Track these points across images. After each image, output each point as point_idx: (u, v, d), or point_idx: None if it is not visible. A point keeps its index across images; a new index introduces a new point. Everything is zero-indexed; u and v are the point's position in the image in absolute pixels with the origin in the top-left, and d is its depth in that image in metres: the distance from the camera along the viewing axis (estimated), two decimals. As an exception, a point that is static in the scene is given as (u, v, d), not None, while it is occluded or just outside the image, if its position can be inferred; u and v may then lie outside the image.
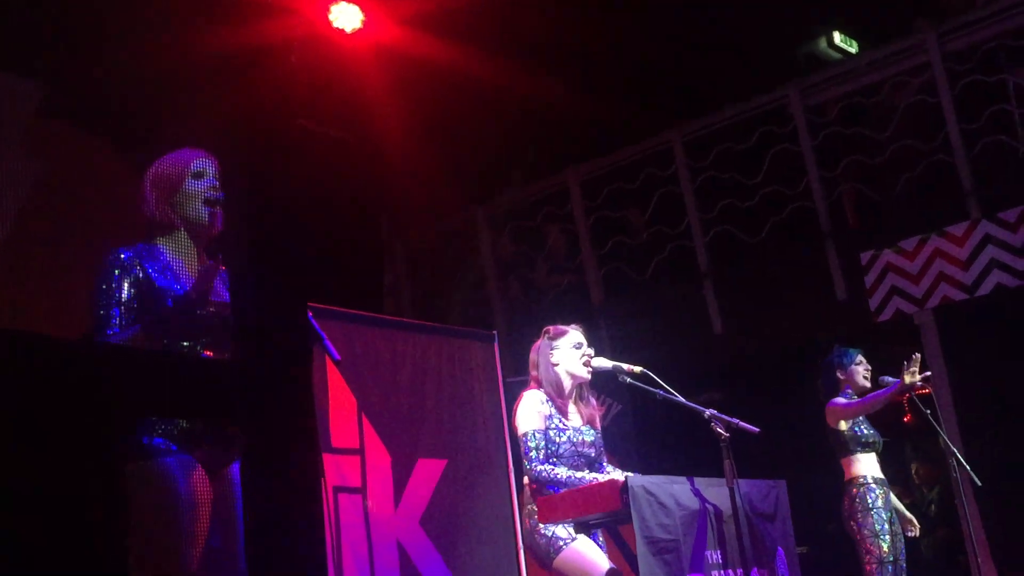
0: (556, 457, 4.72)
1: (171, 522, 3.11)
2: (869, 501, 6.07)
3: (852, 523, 6.11)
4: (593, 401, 5.04)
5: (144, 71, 2.75)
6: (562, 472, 4.63)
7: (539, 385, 4.93)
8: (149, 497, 3.11)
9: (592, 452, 4.87)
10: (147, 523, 3.06)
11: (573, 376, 4.91)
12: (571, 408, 4.93)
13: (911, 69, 8.46)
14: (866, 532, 6.03)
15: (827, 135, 8.73)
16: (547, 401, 4.83)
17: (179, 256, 3.46)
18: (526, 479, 4.82)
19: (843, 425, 6.19)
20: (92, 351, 2.15)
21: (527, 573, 6.68)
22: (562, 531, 4.62)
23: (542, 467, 4.64)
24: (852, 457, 6.20)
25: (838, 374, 6.38)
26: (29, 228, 2.78)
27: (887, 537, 6.03)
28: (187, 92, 2.82)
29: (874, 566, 5.98)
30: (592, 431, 4.93)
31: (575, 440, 4.79)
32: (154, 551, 3.05)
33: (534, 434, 4.70)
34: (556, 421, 4.79)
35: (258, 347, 2.43)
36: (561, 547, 4.60)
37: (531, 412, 4.78)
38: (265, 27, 2.59)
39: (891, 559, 5.99)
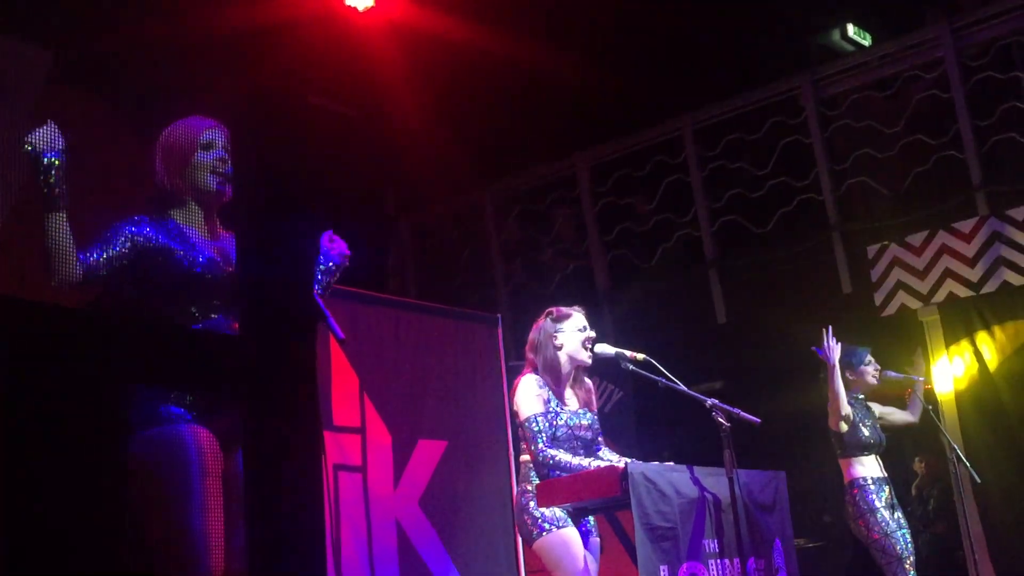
0: (554, 440, 4.72)
1: (179, 490, 3.10)
2: (870, 502, 6.04)
3: (860, 525, 6.06)
4: (588, 383, 5.02)
5: (156, 43, 2.75)
6: (569, 459, 4.62)
7: (534, 368, 4.90)
8: (159, 462, 3.11)
9: (589, 435, 4.86)
10: (155, 489, 3.05)
11: (573, 359, 4.89)
12: (567, 392, 4.92)
13: (924, 64, 8.43)
14: (877, 533, 5.98)
15: (838, 127, 8.71)
16: (544, 386, 4.82)
17: (193, 226, 3.46)
18: (523, 457, 4.82)
19: (843, 427, 6.11)
20: (94, 320, 2.15)
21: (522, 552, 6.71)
22: (551, 515, 4.63)
23: (549, 451, 4.64)
24: (851, 459, 6.16)
25: (847, 374, 6.30)
26: (39, 195, 2.78)
27: (898, 534, 6.00)
28: (199, 65, 2.82)
29: (893, 564, 5.95)
30: (589, 414, 4.91)
31: (572, 423, 4.79)
32: (161, 520, 3.04)
33: (537, 418, 4.70)
34: (554, 405, 4.79)
35: (262, 323, 2.42)
36: (544, 531, 4.61)
37: (530, 397, 4.77)
38: (278, 3, 2.58)
39: (907, 554, 5.96)
